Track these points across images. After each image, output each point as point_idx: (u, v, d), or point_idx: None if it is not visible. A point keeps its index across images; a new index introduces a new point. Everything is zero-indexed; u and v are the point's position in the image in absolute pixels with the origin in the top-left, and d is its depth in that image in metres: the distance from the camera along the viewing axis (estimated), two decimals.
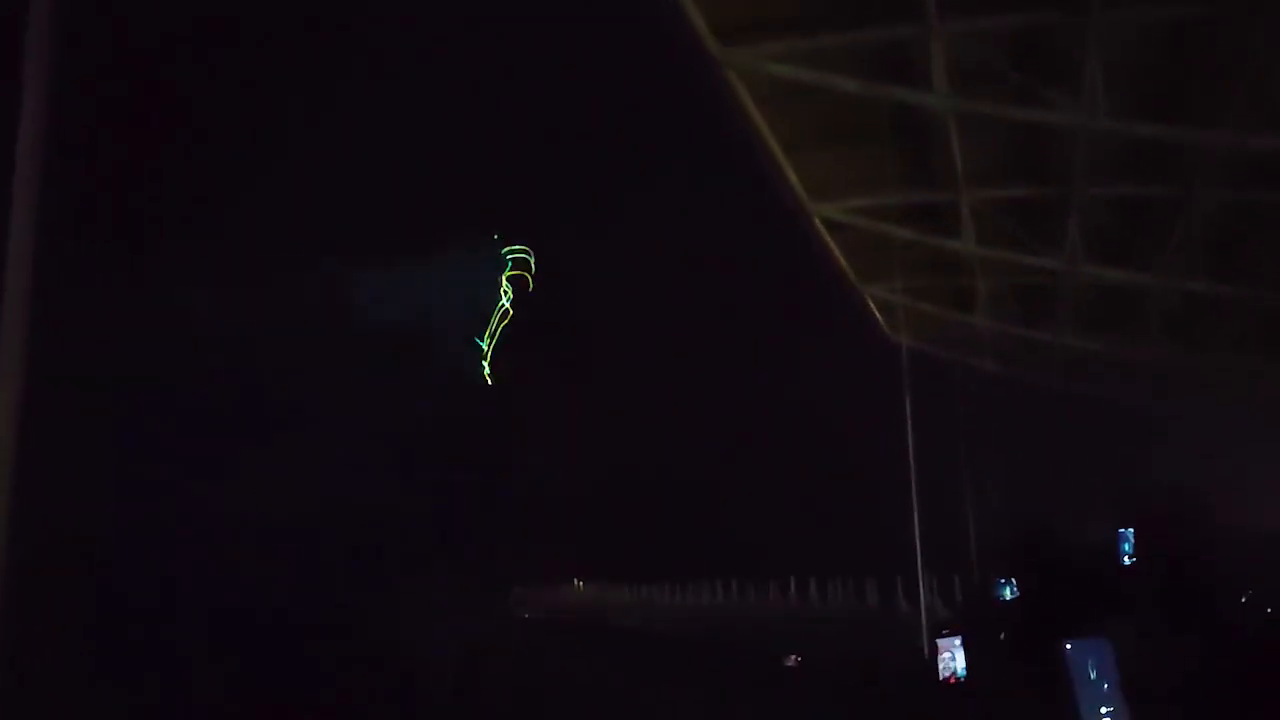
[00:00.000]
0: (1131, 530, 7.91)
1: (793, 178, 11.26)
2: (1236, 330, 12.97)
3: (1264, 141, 8.51)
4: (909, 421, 14.31)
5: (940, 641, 7.80)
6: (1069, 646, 5.36)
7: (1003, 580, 9.39)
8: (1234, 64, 8.35)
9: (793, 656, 13.02)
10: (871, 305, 15.32)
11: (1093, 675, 5.30)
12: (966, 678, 7.47)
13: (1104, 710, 5.26)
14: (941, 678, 7.51)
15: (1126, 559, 7.92)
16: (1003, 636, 8.21)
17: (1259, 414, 12.95)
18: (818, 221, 12.28)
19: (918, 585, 13.38)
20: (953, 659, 7.53)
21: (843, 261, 13.54)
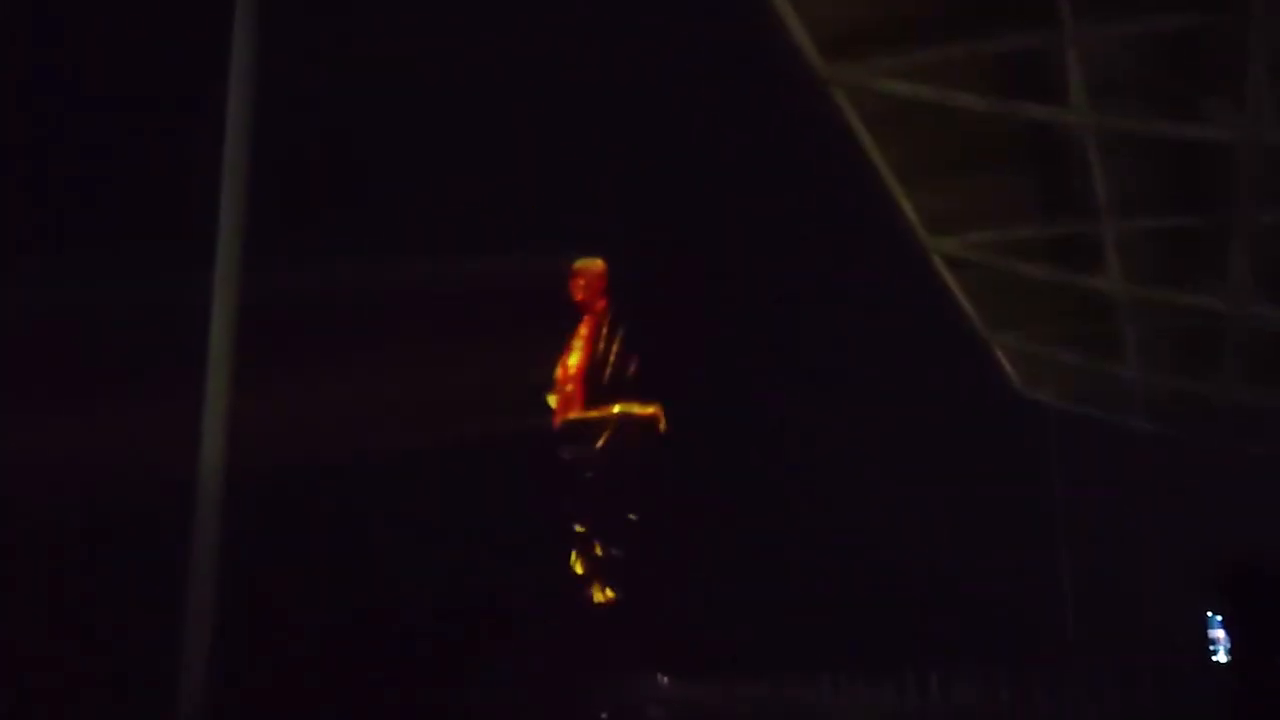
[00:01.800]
0: None
1: (908, 208, 10.31)
2: None
3: None
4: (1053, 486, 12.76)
5: None
6: None
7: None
8: None
9: None
10: (1001, 356, 13.95)
11: None
12: None
13: None
14: None
15: None
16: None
17: None
18: (937, 259, 11.22)
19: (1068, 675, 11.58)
20: None
21: (966, 305, 12.34)
